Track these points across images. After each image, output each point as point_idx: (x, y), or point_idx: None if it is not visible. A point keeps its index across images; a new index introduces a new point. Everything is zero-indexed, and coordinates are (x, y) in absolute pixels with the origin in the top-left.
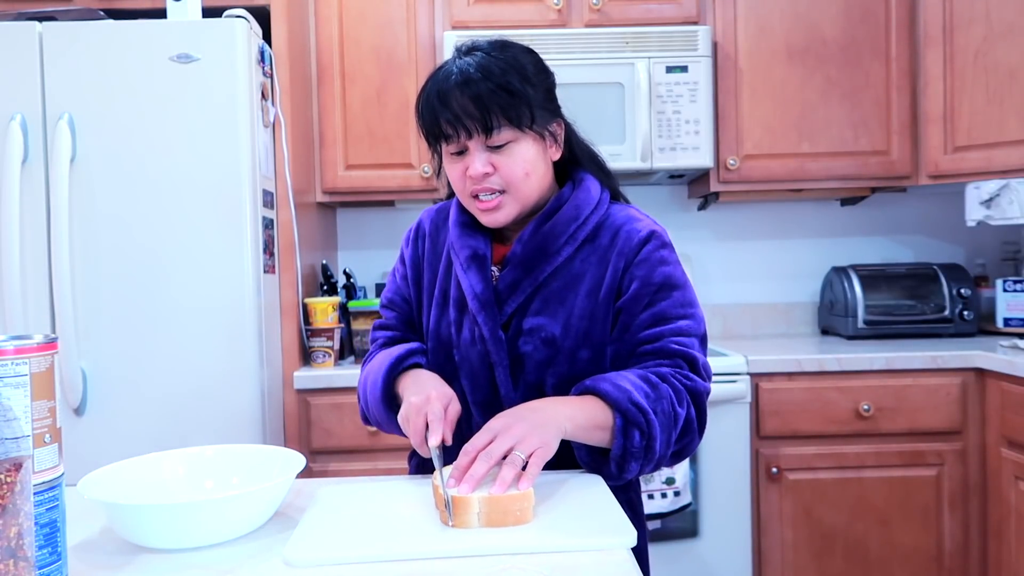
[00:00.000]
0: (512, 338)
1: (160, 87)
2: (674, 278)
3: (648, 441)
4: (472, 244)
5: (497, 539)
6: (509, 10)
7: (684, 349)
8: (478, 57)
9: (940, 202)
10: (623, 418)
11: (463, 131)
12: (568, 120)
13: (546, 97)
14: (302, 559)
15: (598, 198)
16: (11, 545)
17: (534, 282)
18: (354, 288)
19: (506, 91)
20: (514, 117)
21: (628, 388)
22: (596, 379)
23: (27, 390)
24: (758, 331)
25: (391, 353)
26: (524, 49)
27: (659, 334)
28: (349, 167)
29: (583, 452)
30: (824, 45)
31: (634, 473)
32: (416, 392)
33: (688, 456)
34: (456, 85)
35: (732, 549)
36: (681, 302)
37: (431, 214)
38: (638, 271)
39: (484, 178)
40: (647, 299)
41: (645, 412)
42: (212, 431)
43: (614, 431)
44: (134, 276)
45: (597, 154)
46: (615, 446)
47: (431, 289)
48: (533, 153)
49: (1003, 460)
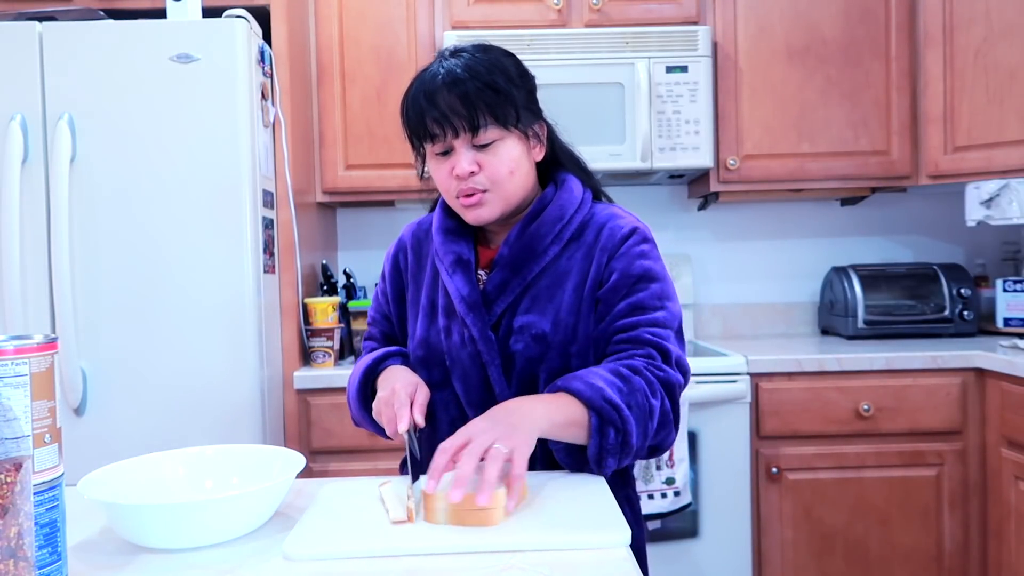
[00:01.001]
0: (503, 337)
1: (160, 87)
2: (653, 271)
3: (624, 437)
4: (456, 249)
5: (497, 536)
6: (509, 10)
7: (658, 340)
8: (463, 58)
9: (940, 202)
10: (598, 416)
11: (450, 130)
12: (550, 122)
13: (529, 98)
14: (301, 553)
15: (581, 197)
16: (11, 545)
17: (522, 282)
18: (354, 288)
19: (492, 89)
20: (500, 115)
21: (600, 386)
22: (567, 378)
23: (27, 390)
24: (758, 331)
25: (368, 357)
26: (505, 52)
27: (635, 323)
28: (349, 167)
29: (562, 454)
30: (824, 45)
31: (611, 469)
32: (383, 387)
33: (666, 450)
34: (444, 84)
35: (732, 549)
36: (658, 295)
37: (412, 228)
38: (618, 263)
39: (470, 177)
40: (625, 290)
41: (619, 408)
42: (212, 431)
43: (590, 430)
44: (134, 276)
45: (578, 155)
46: (591, 445)
47: (416, 301)
48: (518, 152)
49: (1003, 460)
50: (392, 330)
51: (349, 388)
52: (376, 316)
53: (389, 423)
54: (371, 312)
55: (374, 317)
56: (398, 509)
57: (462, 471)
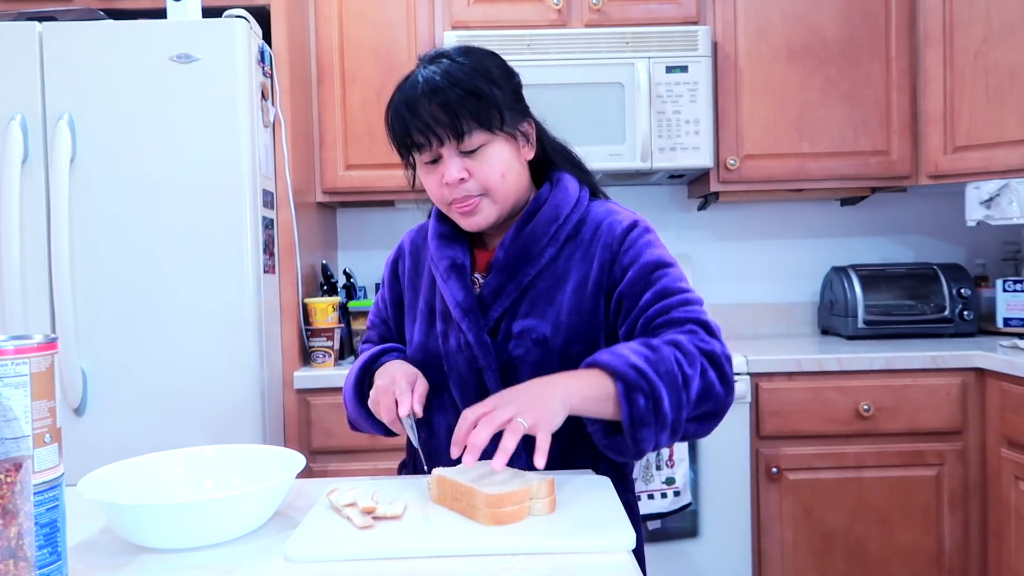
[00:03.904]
0: (502, 342)
1: (160, 87)
2: (664, 259)
3: (655, 402)
4: (450, 254)
5: (498, 539)
6: (509, 10)
7: (696, 315)
8: (443, 64)
9: (940, 202)
10: (624, 383)
11: (435, 139)
12: (538, 119)
13: (514, 98)
14: (302, 555)
15: (576, 196)
16: (11, 545)
17: (519, 286)
18: (354, 288)
19: (473, 95)
20: (484, 120)
21: (625, 354)
22: (596, 354)
23: (27, 390)
24: (758, 331)
25: (366, 353)
26: (487, 53)
27: (667, 307)
28: (349, 167)
29: (599, 435)
30: (824, 45)
31: (650, 443)
32: (382, 376)
33: (717, 423)
34: (423, 94)
35: (732, 549)
36: (678, 278)
37: (411, 235)
38: (627, 258)
39: (460, 184)
40: (645, 280)
41: (644, 373)
42: (212, 431)
43: (618, 398)
44: (134, 276)
45: (571, 151)
46: (623, 415)
47: (414, 307)
48: (507, 154)
49: (1003, 460)
50: (391, 335)
51: (345, 384)
52: (375, 321)
53: (387, 411)
54: (371, 317)
55: (373, 322)
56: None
57: (476, 438)
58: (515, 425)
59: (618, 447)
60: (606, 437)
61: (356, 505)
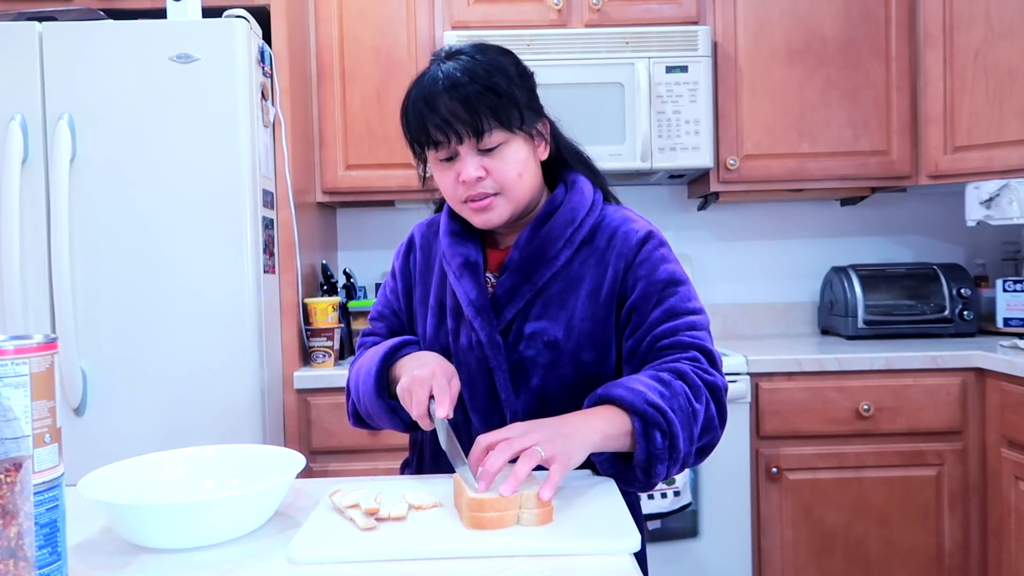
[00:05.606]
0: (513, 343)
1: (160, 87)
2: (677, 275)
3: (671, 440)
4: (463, 252)
5: (498, 540)
6: (509, 10)
7: (700, 342)
8: (462, 61)
9: (940, 202)
10: (641, 421)
11: (453, 136)
12: (552, 119)
13: (530, 97)
14: (305, 557)
15: (592, 199)
16: (11, 545)
17: (533, 287)
18: (354, 288)
19: (494, 92)
20: (504, 119)
21: (642, 390)
22: (608, 386)
23: (27, 390)
24: (758, 331)
25: (385, 344)
26: (503, 51)
27: (673, 328)
28: (349, 167)
29: (607, 466)
30: (824, 45)
31: (661, 477)
32: (420, 366)
33: (711, 452)
34: (444, 89)
35: (732, 549)
36: (688, 297)
37: (422, 228)
38: (641, 271)
39: (477, 182)
40: (656, 297)
41: (663, 411)
42: (212, 431)
43: (635, 435)
44: (134, 276)
45: (583, 152)
46: (638, 451)
47: (424, 301)
48: (524, 154)
49: (1003, 460)
50: (402, 327)
51: (363, 376)
52: (384, 311)
53: (419, 404)
54: (376, 308)
55: (381, 313)
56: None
57: (490, 463)
58: (532, 452)
59: (625, 477)
60: (614, 469)
61: (359, 507)
